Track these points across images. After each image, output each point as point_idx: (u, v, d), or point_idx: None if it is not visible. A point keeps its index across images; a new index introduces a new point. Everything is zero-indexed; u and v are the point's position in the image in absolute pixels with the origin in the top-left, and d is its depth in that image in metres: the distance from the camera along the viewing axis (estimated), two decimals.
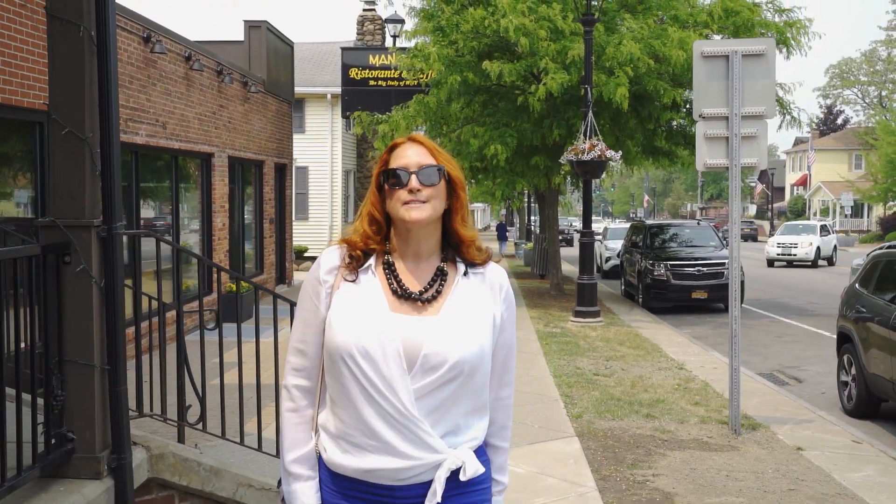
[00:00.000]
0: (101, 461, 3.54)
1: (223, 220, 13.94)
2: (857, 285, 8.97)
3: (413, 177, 2.13)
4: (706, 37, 15.22)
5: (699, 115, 7.02)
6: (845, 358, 8.79)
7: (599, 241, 28.43)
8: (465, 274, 2.20)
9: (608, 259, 26.09)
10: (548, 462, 6.23)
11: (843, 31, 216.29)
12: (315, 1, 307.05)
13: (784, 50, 16.06)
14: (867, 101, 67.39)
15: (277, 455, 4.54)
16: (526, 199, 35.40)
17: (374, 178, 2.20)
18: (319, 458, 2.20)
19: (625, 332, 13.19)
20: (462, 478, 2.11)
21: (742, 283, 17.45)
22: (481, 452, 2.22)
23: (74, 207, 3.50)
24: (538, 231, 26.31)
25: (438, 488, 2.08)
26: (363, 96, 21.97)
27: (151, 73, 10.81)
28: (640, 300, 17.70)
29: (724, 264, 17.03)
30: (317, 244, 25.03)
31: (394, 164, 2.16)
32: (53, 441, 3.42)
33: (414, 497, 2.12)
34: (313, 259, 24.58)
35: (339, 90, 23.64)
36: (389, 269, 2.18)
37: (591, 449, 6.61)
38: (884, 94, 64.34)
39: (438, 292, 2.17)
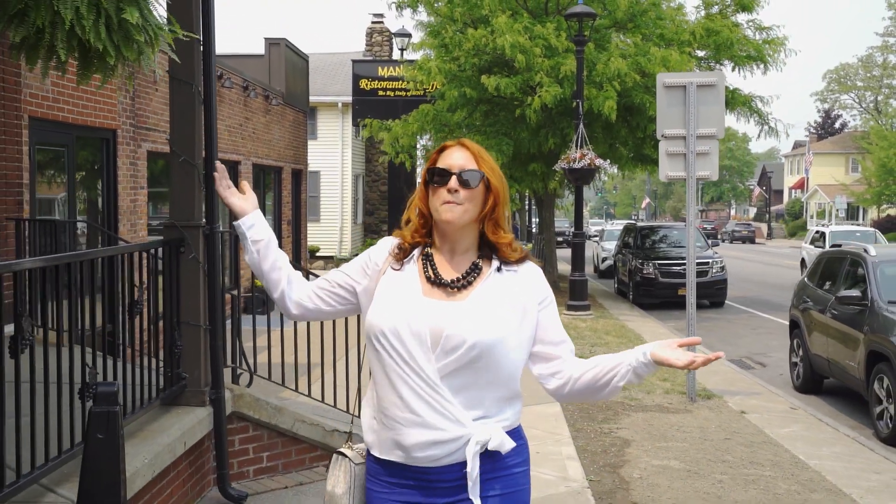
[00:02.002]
0: (204, 394, 4.96)
1: None
2: (805, 279, 10.36)
3: (454, 177, 2.28)
4: (689, 54, 16.60)
5: (661, 135, 8.42)
6: (795, 342, 10.17)
7: (597, 242, 29.58)
8: (499, 270, 2.35)
9: (604, 259, 26.72)
10: (534, 419, 7.61)
11: (842, 37, 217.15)
12: (325, 12, 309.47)
13: (762, 66, 17.45)
14: (864, 105, 68.60)
15: (322, 401, 5.93)
16: (526, 204, 36.76)
17: (422, 175, 2.38)
18: (367, 452, 2.38)
19: (612, 324, 14.56)
20: (490, 447, 2.23)
21: (725, 280, 18.98)
22: (518, 436, 2.35)
23: (186, 212, 4.91)
24: (537, 232, 27.57)
25: (471, 462, 2.20)
26: (373, 105, 23.40)
27: None
28: (631, 297, 19.03)
29: (708, 263, 18.33)
30: (328, 244, 26.44)
31: (440, 165, 2.32)
32: (173, 379, 4.83)
33: (449, 480, 2.25)
34: (325, 258, 26.02)
35: (349, 99, 25.09)
36: (427, 260, 2.36)
37: (569, 411, 8.00)
38: (879, 98, 65.52)
39: (469, 282, 2.32)
